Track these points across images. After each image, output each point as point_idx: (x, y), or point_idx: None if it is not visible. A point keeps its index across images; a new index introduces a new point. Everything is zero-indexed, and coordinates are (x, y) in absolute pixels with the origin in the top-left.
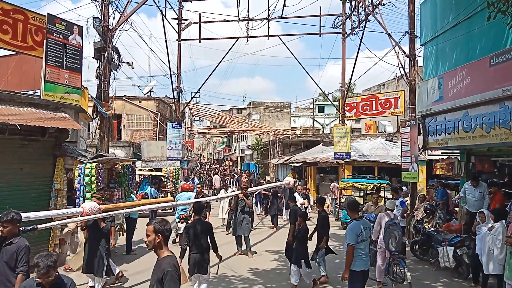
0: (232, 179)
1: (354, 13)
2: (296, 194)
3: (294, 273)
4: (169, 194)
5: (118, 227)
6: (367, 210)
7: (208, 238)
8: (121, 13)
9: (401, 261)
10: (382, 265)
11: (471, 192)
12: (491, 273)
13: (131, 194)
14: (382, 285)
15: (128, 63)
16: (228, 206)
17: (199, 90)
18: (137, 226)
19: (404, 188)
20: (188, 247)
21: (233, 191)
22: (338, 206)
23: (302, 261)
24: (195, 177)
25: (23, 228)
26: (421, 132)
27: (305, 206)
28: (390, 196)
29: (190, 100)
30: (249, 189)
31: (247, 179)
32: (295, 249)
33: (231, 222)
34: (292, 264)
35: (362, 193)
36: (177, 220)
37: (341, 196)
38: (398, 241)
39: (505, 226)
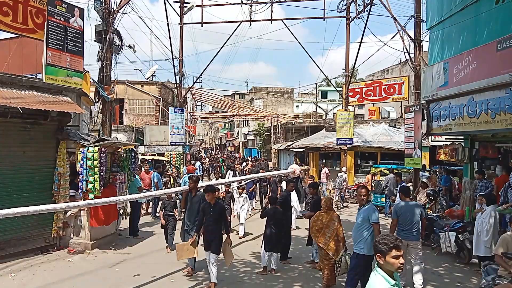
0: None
1: None
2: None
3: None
4: (171, 179)
5: (121, 210)
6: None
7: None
8: None
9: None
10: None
11: None
12: (477, 255)
13: (136, 175)
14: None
15: (130, 46)
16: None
17: (201, 74)
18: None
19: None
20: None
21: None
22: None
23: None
24: (198, 161)
25: None
26: (425, 117)
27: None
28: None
29: (193, 85)
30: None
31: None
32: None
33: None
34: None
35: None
36: None
37: (372, 180)
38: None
39: (494, 211)
